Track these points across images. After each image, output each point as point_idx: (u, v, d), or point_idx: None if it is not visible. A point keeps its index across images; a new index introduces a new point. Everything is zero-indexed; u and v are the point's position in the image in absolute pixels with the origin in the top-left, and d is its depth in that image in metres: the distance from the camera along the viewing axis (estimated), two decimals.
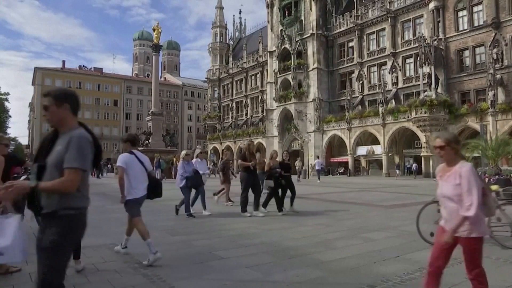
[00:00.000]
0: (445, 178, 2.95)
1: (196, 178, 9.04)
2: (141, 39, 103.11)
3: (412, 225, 7.33)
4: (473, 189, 2.73)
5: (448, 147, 2.92)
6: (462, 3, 31.95)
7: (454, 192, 2.84)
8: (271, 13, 48.08)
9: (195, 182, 9.00)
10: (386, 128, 34.87)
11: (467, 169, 2.81)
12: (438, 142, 2.98)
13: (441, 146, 2.95)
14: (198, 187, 9.19)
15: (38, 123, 69.56)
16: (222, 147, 57.15)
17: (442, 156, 2.97)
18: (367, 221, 8.47)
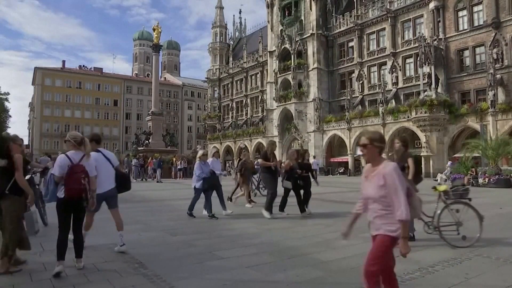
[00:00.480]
0: (369, 179, 2.83)
1: (213, 179, 8.86)
2: (141, 39, 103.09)
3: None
4: (399, 191, 2.64)
5: (371, 146, 2.80)
6: (462, 3, 31.94)
7: (378, 194, 2.73)
8: (271, 13, 48.08)
9: (212, 183, 8.80)
10: (386, 128, 34.85)
11: (391, 169, 2.69)
12: (362, 140, 2.87)
13: (364, 145, 2.83)
14: (216, 188, 8.98)
15: (38, 122, 69.56)
16: (222, 147, 57.16)
17: (365, 155, 2.86)
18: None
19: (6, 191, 4.39)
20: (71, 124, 71.32)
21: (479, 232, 5.55)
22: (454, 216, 5.51)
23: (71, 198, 4.30)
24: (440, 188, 5.74)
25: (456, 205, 5.62)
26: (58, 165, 4.39)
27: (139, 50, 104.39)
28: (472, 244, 5.45)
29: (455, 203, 5.65)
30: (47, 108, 70.58)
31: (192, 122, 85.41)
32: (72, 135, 4.65)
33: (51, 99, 70.86)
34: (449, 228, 5.50)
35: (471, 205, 5.61)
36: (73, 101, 72.54)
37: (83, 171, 4.37)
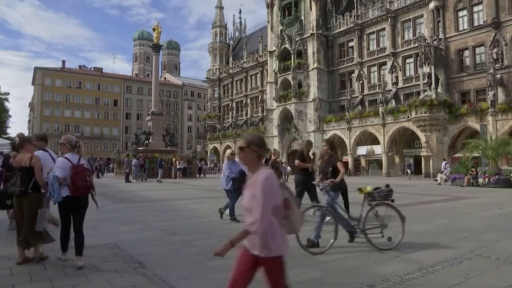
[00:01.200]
0: (248, 187, 2.50)
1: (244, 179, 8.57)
2: (141, 39, 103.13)
3: (411, 225, 7.33)
4: (261, 202, 2.32)
5: (248, 149, 2.53)
6: (462, 3, 31.93)
7: (250, 204, 2.40)
8: (271, 13, 48.08)
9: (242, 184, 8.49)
10: (386, 128, 34.86)
11: (262, 178, 2.37)
12: (240, 143, 2.62)
13: (241, 147, 2.56)
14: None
15: (38, 122, 69.56)
16: (222, 147, 57.15)
17: (242, 159, 2.58)
18: None
19: (29, 189, 4.85)
20: (71, 124, 71.38)
21: (401, 233, 5.50)
22: (378, 218, 5.45)
23: (79, 195, 4.64)
24: (365, 190, 5.57)
25: (380, 207, 5.56)
26: (60, 167, 4.65)
27: (139, 50, 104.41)
28: (396, 246, 5.39)
29: (379, 204, 5.56)
30: (47, 108, 70.61)
31: (192, 122, 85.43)
32: (68, 139, 4.87)
33: (51, 99, 70.88)
34: (375, 230, 5.41)
35: (394, 206, 5.55)
36: (73, 101, 72.54)
37: (86, 169, 4.75)
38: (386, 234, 5.39)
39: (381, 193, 5.63)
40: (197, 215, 8.92)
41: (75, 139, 4.93)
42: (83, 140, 64.54)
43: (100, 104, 75.08)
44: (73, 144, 4.81)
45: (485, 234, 6.76)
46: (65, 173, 4.57)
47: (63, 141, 4.83)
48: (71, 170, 4.59)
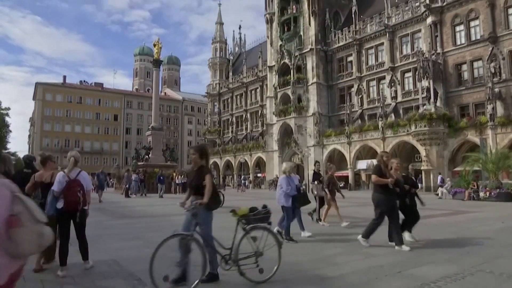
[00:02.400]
0: None
1: (304, 197, 8.09)
2: (142, 55, 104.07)
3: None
4: None
5: None
6: (459, 18, 32.32)
7: None
8: (270, 28, 48.63)
9: (302, 202, 7.94)
10: (386, 142, 34.89)
11: None
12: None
13: None
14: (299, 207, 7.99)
15: (38, 137, 69.65)
16: (222, 162, 57.10)
17: None
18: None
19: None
20: (71, 139, 71.45)
21: (277, 262, 4.71)
22: (253, 245, 4.66)
23: (69, 209, 4.96)
24: (239, 212, 4.80)
25: (256, 232, 4.77)
26: (57, 182, 5.04)
27: (139, 65, 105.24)
28: (270, 278, 4.61)
29: (255, 229, 4.78)
30: (47, 123, 70.79)
31: (192, 137, 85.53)
32: (77, 156, 5.40)
33: (52, 114, 71.11)
34: (250, 260, 4.60)
35: (270, 230, 4.90)
36: (73, 116, 72.77)
37: (78, 185, 5.06)
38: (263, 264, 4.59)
39: (257, 216, 4.90)
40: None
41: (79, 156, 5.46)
42: (83, 155, 64.56)
43: (100, 119, 75.29)
44: (78, 160, 5.33)
45: (488, 249, 6.70)
46: (61, 187, 4.96)
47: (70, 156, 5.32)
48: (66, 185, 4.98)
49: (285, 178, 7.73)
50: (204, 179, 4.61)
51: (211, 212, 4.69)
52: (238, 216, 4.81)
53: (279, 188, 7.75)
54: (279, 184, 7.85)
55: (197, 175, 4.76)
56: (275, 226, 7.36)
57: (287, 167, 7.84)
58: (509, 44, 29.27)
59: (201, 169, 4.76)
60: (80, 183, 5.07)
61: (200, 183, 4.63)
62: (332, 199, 10.15)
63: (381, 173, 6.78)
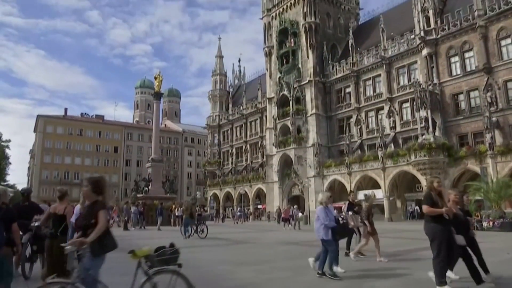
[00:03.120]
0: None
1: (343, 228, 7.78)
2: (143, 87, 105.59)
3: (416, 272, 7.09)
4: None
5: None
6: (453, 49, 33.03)
7: None
8: (269, 61, 49.59)
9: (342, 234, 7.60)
10: (386, 172, 34.80)
11: None
12: None
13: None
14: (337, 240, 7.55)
15: (37, 170, 69.48)
16: (222, 193, 56.74)
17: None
18: (372, 267, 8.21)
19: (58, 233, 5.88)
20: (71, 171, 71.26)
21: None
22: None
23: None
24: (140, 252, 4.07)
25: (161, 275, 4.04)
26: (74, 214, 5.75)
27: (140, 98, 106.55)
28: None
29: (160, 272, 4.05)
30: (47, 155, 70.81)
31: (192, 169, 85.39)
32: None
33: (52, 146, 71.27)
34: None
35: (181, 274, 4.14)
36: (73, 148, 72.92)
37: None
38: None
39: (163, 256, 4.24)
40: (198, 264, 8.64)
41: None
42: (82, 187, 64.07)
43: (100, 151, 75.41)
44: None
45: (502, 286, 6.50)
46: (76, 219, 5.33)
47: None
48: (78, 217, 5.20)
49: (323, 209, 7.32)
50: (95, 217, 3.87)
51: (102, 257, 3.93)
52: (139, 257, 4.06)
53: (317, 220, 7.32)
54: (316, 216, 7.40)
55: (88, 212, 4.02)
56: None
57: (324, 198, 7.42)
58: (503, 74, 29.77)
59: (93, 205, 4.02)
60: None
61: (89, 222, 3.88)
62: (373, 231, 9.56)
63: (433, 202, 5.81)
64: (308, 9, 43.63)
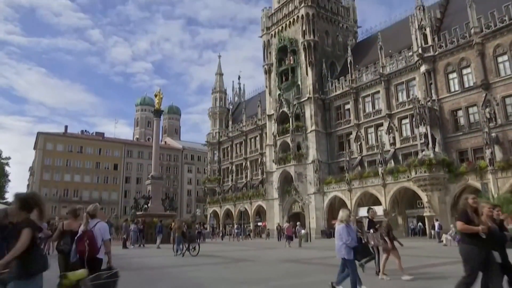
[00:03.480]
0: None
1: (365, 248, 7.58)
2: (143, 105, 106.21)
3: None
4: None
5: None
6: (451, 66, 33.33)
7: None
8: (269, 78, 50.00)
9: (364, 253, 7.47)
10: (387, 189, 34.66)
11: None
12: None
13: None
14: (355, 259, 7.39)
15: (37, 187, 69.17)
16: (222, 210, 56.42)
17: None
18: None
19: None
20: (70, 188, 71.01)
21: None
22: None
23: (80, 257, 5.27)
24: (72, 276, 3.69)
25: None
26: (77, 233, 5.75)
27: (140, 115, 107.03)
28: None
29: None
30: (46, 173, 70.67)
31: (192, 186, 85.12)
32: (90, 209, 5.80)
33: (52, 163, 71.21)
34: None
35: None
36: (73, 166, 72.83)
37: (88, 236, 5.36)
38: None
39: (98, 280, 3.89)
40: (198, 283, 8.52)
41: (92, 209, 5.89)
42: (81, 204, 63.64)
43: (100, 169, 75.28)
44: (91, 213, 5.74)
45: None
46: None
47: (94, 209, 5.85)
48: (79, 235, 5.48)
49: (345, 227, 6.97)
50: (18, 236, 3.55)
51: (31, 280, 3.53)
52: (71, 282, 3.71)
53: (338, 239, 7.01)
54: (338, 235, 7.06)
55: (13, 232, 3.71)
56: None
57: (344, 215, 7.09)
58: (501, 90, 29.96)
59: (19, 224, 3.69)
60: (91, 233, 5.35)
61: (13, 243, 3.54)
62: (393, 247, 9.33)
63: (468, 219, 5.39)
64: (307, 27, 44.23)
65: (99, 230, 5.48)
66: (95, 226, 5.49)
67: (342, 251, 6.90)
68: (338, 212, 24.05)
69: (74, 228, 6.02)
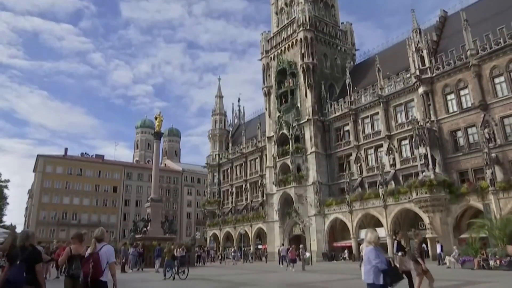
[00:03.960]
0: None
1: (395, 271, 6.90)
2: (143, 127, 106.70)
3: None
4: None
5: None
6: (449, 87, 33.62)
7: None
8: (268, 101, 50.37)
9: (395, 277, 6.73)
10: (388, 210, 34.38)
11: None
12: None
13: None
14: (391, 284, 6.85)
15: (35, 210, 68.65)
16: (221, 233, 55.82)
17: None
18: None
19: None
20: (69, 211, 70.44)
21: None
22: None
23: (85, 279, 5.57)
24: None
25: None
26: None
27: (140, 138, 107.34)
28: None
29: None
30: (45, 195, 70.20)
31: (192, 208, 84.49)
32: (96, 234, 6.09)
33: (51, 186, 70.85)
34: None
35: None
36: (72, 188, 72.46)
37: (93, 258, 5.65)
38: None
39: None
40: None
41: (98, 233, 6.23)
42: (80, 228, 63.06)
43: (99, 191, 74.87)
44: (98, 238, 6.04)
45: None
46: None
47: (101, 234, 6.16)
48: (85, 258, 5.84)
49: (373, 249, 6.41)
50: None
51: None
52: None
53: (366, 263, 6.47)
54: (366, 258, 6.50)
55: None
56: None
57: (373, 237, 6.51)
58: (499, 111, 30.11)
59: None
60: (97, 256, 5.66)
61: None
62: (426, 269, 8.85)
63: None
64: (305, 50, 44.88)
65: (104, 253, 5.76)
66: (101, 249, 5.76)
67: (371, 275, 6.31)
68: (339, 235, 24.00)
69: (82, 252, 6.23)
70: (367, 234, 6.67)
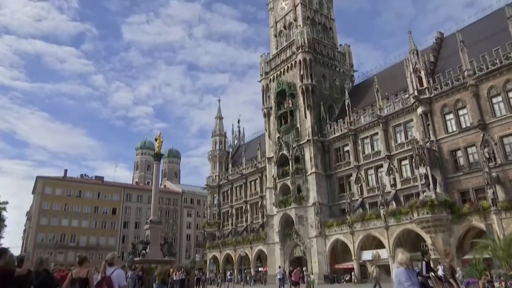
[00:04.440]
0: None
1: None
2: (143, 148, 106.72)
3: None
4: None
5: None
6: (447, 107, 33.83)
7: None
8: (268, 122, 50.60)
9: None
10: (390, 231, 34.02)
11: None
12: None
13: None
14: None
15: (33, 232, 67.91)
16: (221, 255, 55.09)
17: None
18: None
19: None
20: (67, 233, 69.72)
21: None
22: None
23: None
24: None
25: None
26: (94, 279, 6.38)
27: (140, 159, 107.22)
28: None
29: None
30: (44, 217, 69.54)
31: (191, 230, 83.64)
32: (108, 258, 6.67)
33: (50, 207, 70.30)
34: None
35: None
36: (71, 210, 71.90)
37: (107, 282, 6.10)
38: None
39: None
40: None
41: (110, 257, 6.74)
42: (78, 250, 62.34)
43: (98, 213, 74.28)
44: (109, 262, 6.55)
45: None
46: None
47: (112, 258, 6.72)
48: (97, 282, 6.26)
49: (405, 271, 6.04)
50: None
51: None
52: None
53: (397, 285, 6.12)
54: (397, 280, 6.14)
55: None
56: None
57: (404, 258, 6.11)
58: (498, 130, 30.20)
59: None
60: (109, 280, 6.06)
61: None
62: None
63: None
64: (304, 72, 45.37)
65: (116, 277, 6.17)
66: (112, 273, 6.15)
67: None
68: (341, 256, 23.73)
69: (82, 276, 6.45)
70: (398, 254, 6.34)
